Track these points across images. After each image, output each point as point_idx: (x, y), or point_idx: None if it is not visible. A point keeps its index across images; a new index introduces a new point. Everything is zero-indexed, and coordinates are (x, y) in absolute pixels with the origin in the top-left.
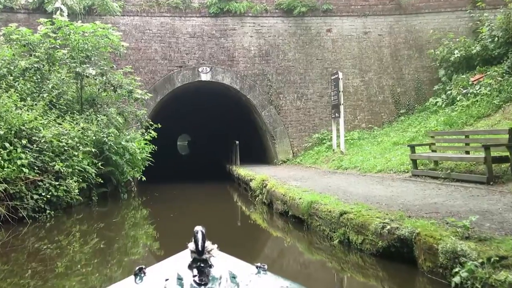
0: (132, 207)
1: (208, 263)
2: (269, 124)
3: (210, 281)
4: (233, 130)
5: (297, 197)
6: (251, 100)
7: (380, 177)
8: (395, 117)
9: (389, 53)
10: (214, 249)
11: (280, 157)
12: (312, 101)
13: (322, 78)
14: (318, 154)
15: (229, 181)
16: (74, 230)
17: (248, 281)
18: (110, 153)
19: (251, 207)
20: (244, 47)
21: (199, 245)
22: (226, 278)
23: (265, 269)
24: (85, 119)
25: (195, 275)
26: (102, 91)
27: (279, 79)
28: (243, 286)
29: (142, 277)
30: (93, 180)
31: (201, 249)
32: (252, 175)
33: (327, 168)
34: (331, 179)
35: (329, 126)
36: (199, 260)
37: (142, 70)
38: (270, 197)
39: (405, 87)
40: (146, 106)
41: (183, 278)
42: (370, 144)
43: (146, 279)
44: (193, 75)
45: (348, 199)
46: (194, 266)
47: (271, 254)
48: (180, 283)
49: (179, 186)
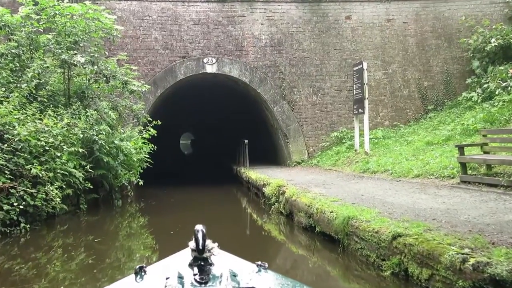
0: (127, 215)
1: (209, 262)
2: (282, 121)
3: (210, 279)
4: (241, 128)
5: (327, 209)
6: (262, 95)
7: (420, 183)
8: (422, 114)
9: (415, 42)
10: (214, 248)
11: (294, 158)
12: (330, 95)
13: (340, 70)
14: (337, 155)
15: (236, 184)
16: (56, 244)
17: (249, 279)
18: (101, 153)
19: (264, 216)
20: (254, 35)
21: (199, 244)
22: (226, 277)
23: (266, 268)
24: (72, 114)
25: (196, 273)
26: (93, 82)
27: (292, 71)
28: (244, 284)
29: (142, 275)
30: (80, 186)
31: (201, 248)
32: (266, 180)
33: (350, 171)
34: (360, 185)
35: (348, 123)
36: (200, 259)
37: (140, 61)
38: (289, 207)
39: (433, 81)
40: (144, 101)
41: (184, 277)
42: (398, 143)
43: (146, 278)
44: (197, 66)
45: (392, 213)
46: (194, 265)
47: (296, 277)
48: (180, 282)
49: (181, 190)
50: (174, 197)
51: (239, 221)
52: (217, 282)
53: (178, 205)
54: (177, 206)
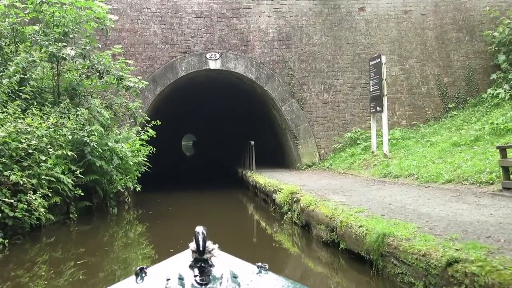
0: (123, 224)
1: (209, 263)
2: (291, 121)
3: (211, 280)
4: (246, 129)
5: (354, 223)
6: (269, 93)
7: (453, 190)
8: (442, 113)
9: (434, 36)
10: (215, 249)
11: (304, 160)
12: (342, 93)
13: (353, 66)
14: (352, 157)
15: (241, 188)
16: (40, 260)
17: (249, 280)
18: (93, 157)
19: (275, 226)
20: (261, 29)
21: (200, 245)
22: (227, 278)
23: (266, 269)
24: (60, 113)
25: (196, 275)
26: (85, 78)
27: (302, 67)
28: (244, 285)
29: (143, 277)
30: (70, 193)
31: (202, 249)
32: (276, 185)
33: (369, 175)
34: (384, 191)
35: (362, 123)
36: (200, 260)
37: (138, 57)
38: (306, 218)
39: (454, 77)
40: (143, 100)
41: (184, 278)
42: (420, 145)
43: (147, 279)
44: (199, 62)
45: (433, 228)
46: (195, 266)
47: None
48: (181, 283)
49: (183, 196)
50: (175, 203)
51: (248, 232)
52: (218, 284)
53: (179, 213)
54: (178, 214)
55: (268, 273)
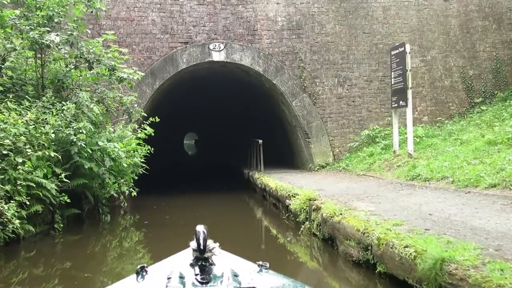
0: (116, 232)
1: (210, 262)
2: (302, 117)
3: (212, 279)
4: (252, 127)
5: (396, 242)
6: (278, 87)
7: (502, 196)
8: (467, 108)
9: (457, 24)
10: (216, 248)
11: (316, 160)
12: (358, 87)
13: (370, 58)
14: (371, 157)
15: (248, 191)
16: (15, 280)
17: (250, 279)
18: (81, 158)
19: (290, 237)
20: (269, 17)
21: (201, 244)
22: (228, 276)
23: (267, 267)
24: (43, 108)
25: (197, 273)
26: (73, 69)
27: (314, 59)
28: (245, 284)
29: (144, 275)
30: (54, 199)
31: (203, 248)
32: (289, 190)
33: (393, 177)
34: (417, 198)
35: (380, 119)
36: (201, 259)
37: (135, 48)
38: (330, 231)
39: (480, 69)
40: (140, 95)
41: (185, 277)
42: (450, 143)
43: (148, 278)
44: (202, 54)
45: (500, 249)
46: (196, 265)
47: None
48: (182, 282)
49: (184, 199)
50: (175, 209)
51: (258, 244)
52: (218, 282)
53: (178, 221)
54: (177, 222)
55: (269, 272)
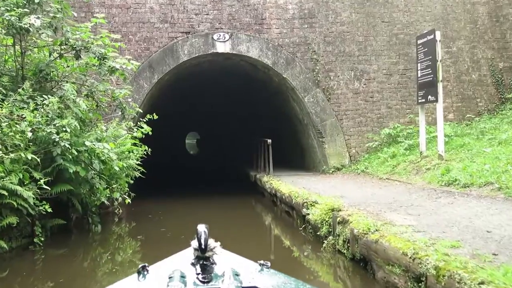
0: (108, 243)
1: (211, 261)
2: (315, 114)
3: (213, 278)
4: (258, 126)
5: (466, 276)
6: (289, 81)
7: None
8: (497, 104)
9: (486, 12)
10: (217, 247)
11: (331, 162)
12: (377, 81)
13: (390, 49)
14: (394, 159)
15: (254, 194)
16: None
17: (251, 278)
18: (66, 161)
19: (307, 251)
20: (278, 4)
21: (202, 243)
22: (229, 276)
23: (268, 266)
24: (22, 102)
25: (198, 272)
26: (57, 57)
27: (328, 50)
28: (246, 283)
29: (145, 275)
30: (33, 209)
31: (204, 247)
32: (306, 196)
33: (424, 182)
34: (462, 208)
35: (401, 117)
36: (202, 258)
37: (132, 38)
38: (363, 251)
39: (511, 61)
40: (137, 89)
41: (186, 276)
42: (485, 143)
43: (149, 277)
44: (205, 45)
45: None
46: (197, 264)
47: None
48: (183, 281)
49: (185, 204)
50: (175, 216)
51: (273, 259)
52: (220, 281)
53: (179, 233)
54: (178, 234)
55: (270, 271)
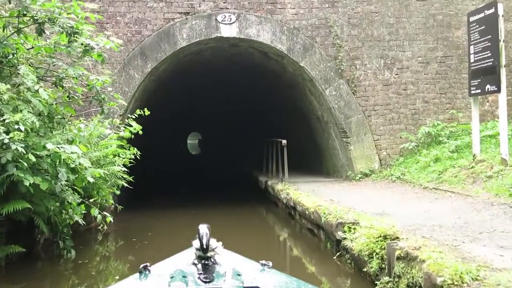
0: (84, 270)
1: (213, 261)
2: (338, 110)
3: (214, 278)
4: (268, 124)
5: None
6: (306, 70)
7: None
8: None
9: None
10: (218, 247)
11: (357, 166)
12: (411, 71)
13: (426, 33)
14: (438, 164)
15: (264, 202)
16: None
17: (253, 278)
18: (19, 170)
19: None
20: None
21: (203, 243)
22: (230, 275)
23: (270, 266)
24: None
25: (200, 272)
26: (13, 33)
27: (353, 34)
28: (248, 283)
29: (146, 274)
30: None
31: (205, 247)
32: (340, 215)
33: (489, 194)
34: None
35: (441, 112)
36: (204, 258)
37: (120, 20)
38: None
39: None
40: (127, 81)
41: (188, 275)
42: None
43: (150, 277)
44: (207, 28)
45: None
46: (199, 263)
47: None
48: (185, 280)
49: (184, 216)
50: (174, 232)
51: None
52: (221, 281)
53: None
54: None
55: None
